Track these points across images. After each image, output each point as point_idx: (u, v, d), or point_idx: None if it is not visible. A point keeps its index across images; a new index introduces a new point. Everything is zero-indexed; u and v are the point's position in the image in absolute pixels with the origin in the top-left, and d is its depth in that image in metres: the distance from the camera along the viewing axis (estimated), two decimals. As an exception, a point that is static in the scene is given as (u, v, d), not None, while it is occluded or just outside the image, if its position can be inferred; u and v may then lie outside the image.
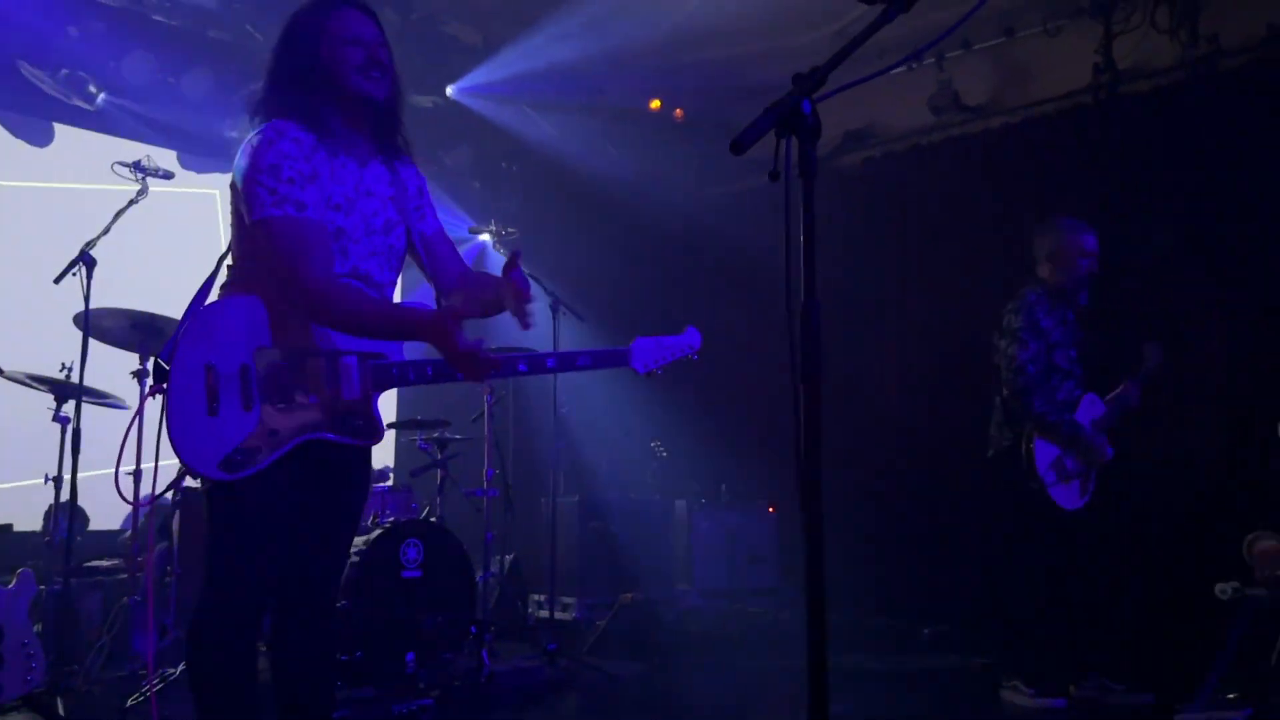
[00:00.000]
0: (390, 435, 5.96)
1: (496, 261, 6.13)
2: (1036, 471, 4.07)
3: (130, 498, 2.33)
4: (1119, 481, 4.45)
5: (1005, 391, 4.16)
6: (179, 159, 6.54)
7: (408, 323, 2.26)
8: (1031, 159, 6.29)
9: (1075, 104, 6.14)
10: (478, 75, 6.72)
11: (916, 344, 6.59)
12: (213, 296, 2.33)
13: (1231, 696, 3.53)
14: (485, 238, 5.71)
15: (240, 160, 2.25)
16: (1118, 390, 4.35)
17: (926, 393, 6.47)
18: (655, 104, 7.51)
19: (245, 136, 2.29)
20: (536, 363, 2.43)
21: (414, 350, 2.39)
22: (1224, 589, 4.88)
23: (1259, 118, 5.34)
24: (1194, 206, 5.52)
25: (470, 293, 2.45)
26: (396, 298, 2.56)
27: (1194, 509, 5.35)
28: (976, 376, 5.98)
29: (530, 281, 2.31)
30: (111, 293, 4.39)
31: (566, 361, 2.48)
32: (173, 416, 2.12)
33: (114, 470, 2.38)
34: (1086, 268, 4.25)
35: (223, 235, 6.86)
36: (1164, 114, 5.71)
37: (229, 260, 2.37)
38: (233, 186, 2.29)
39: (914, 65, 6.69)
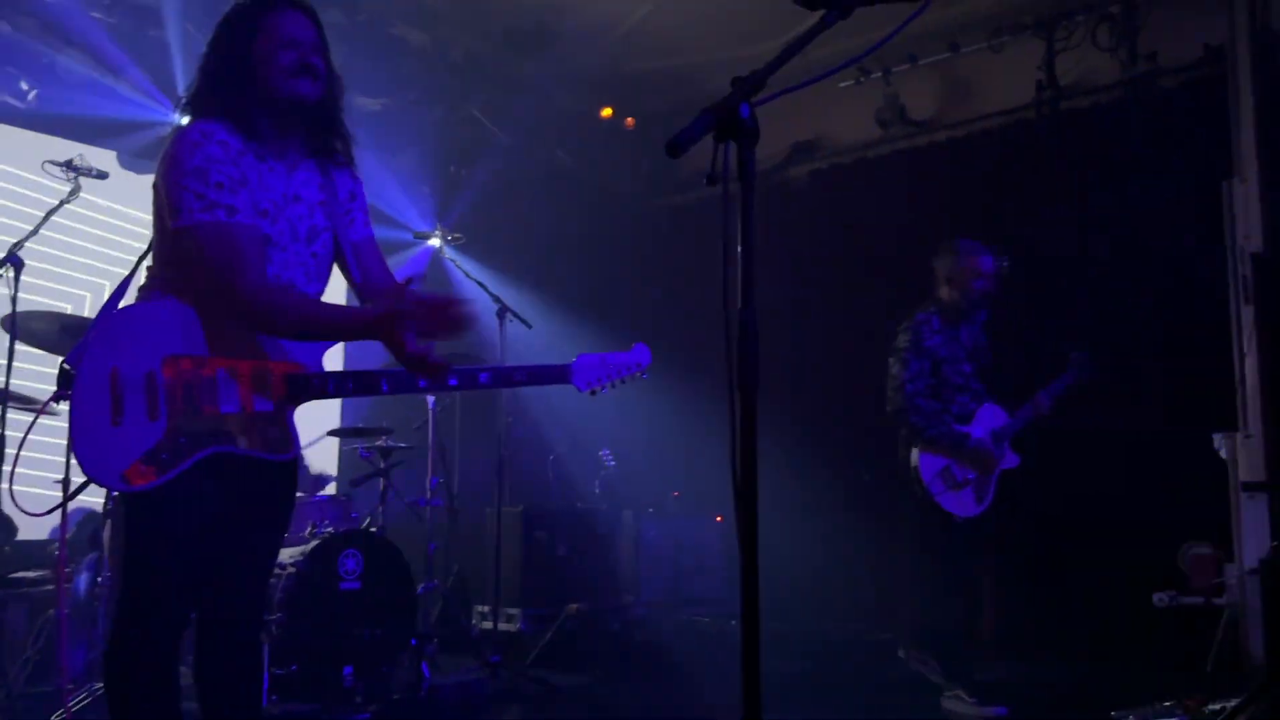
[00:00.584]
0: (332, 443, 5.86)
1: (446, 268, 6.06)
2: (923, 481, 4.22)
3: (27, 508, 2.22)
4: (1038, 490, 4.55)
5: (888, 408, 4.35)
6: (119, 159, 6.40)
7: (355, 320, 2.20)
8: (975, 172, 6.38)
9: (1018, 119, 6.24)
10: (426, 78, 6.66)
11: (861, 353, 6.61)
12: (129, 299, 2.26)
13: (1166, 704, 3.57)
14: (434, 243, 5.63)
15: (162, 163, 2.18)
16: (1030, 401, 4.43)
17: (872, 401, 6.50)
18: (607, 112, 7.50)
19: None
20: (468, 378, 2.33)
21: (335, 363, 2.32)
22: (1161, 597, 4.98)
23: (1194, 134, 5.46)
24: (1132, 219, 5.63)
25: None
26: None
27: (1132, 519, 5.44)
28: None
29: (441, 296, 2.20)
30: (42, 295, 4.26)
31: (502, 378, 2.41)
32: (75, 424, 2.04)
33: (8, 478, 2.27)
34: (982, 289, 4.39)
35: (161, 238, 6.72)
36: (1104, 130, 5.82)
37: (148, 262, 2.29)
38: (155, 188, 2.22)
39: (862, 79, 6.76)
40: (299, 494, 5.16)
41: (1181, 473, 5.28)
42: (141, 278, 2.30)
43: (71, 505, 4.33)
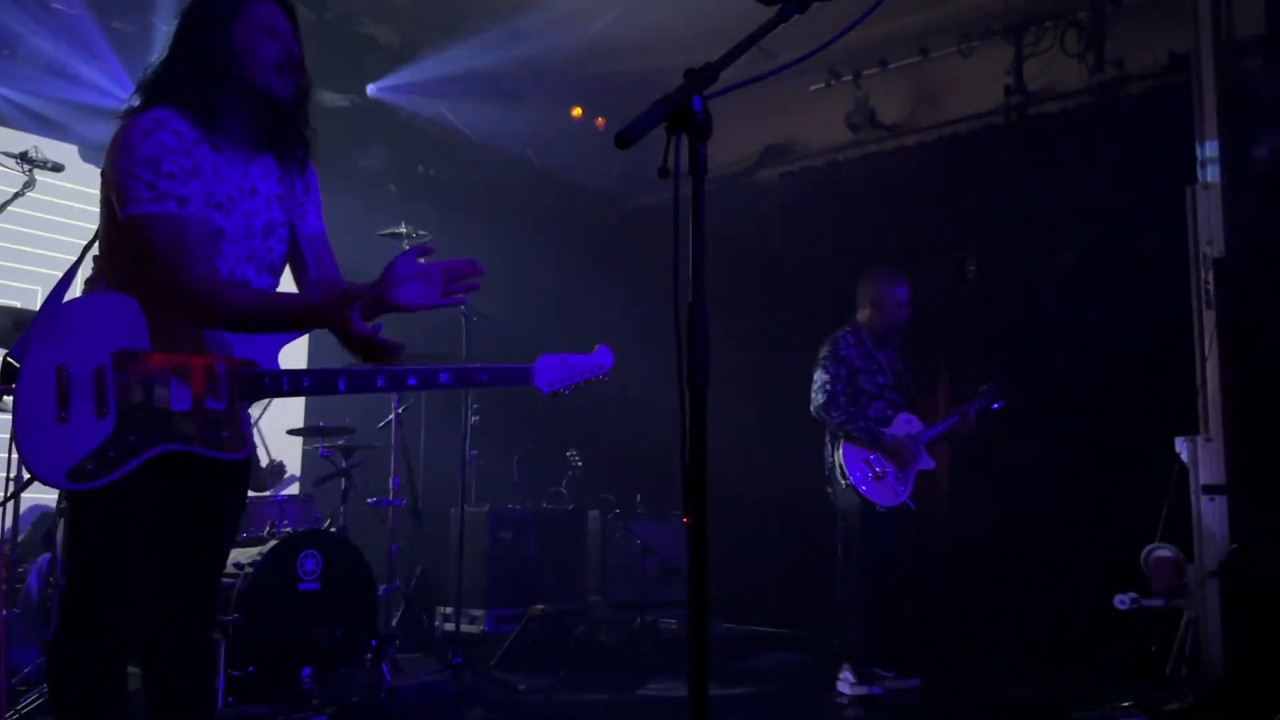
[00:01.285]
0: (294, 442, 5.78)
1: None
2: (847, 472, 4.65)
3: None
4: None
5: (812, 409, 4.78)
6: (80, 153, 6.30)
7: (297, 308, 2.16)
8: (944, 176, 6.40)
9: (987, 124, 6.27)
10: (395, 76, 6.61)
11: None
12: (75, 291, 2.20)
13: (1126, 704, 3.58)
14: (399, 241, 5.57)
15: (112, 149, 2.09)
16: (955, 410, 4.95)
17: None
18: (577, 112, 7.47)
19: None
20: (429, 378, 2.30)
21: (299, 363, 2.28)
22: (1123, 599, 5.01)
23: (1160, 140, 5.51)
24: (1098, 223, 5.67)
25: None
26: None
27: (1094, 522, 5.47)
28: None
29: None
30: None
31: (463, 378, 2.36)
32: (19, 421, 1.96)
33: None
34: (901, 317, 4.89)
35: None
36: (1071, 135, 5.86)
37: (94, 252, 2.22)
38: (103, 175, 2.15)
39: (833, 83, 6.78)
40: (264, 493, 5.13)
41: (1143, 476, 5.31)
42: (88, 270, 2.24)
43: (25, 503, 4.26)
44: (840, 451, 4.69)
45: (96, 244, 2.22)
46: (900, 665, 4.68)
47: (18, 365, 1.99)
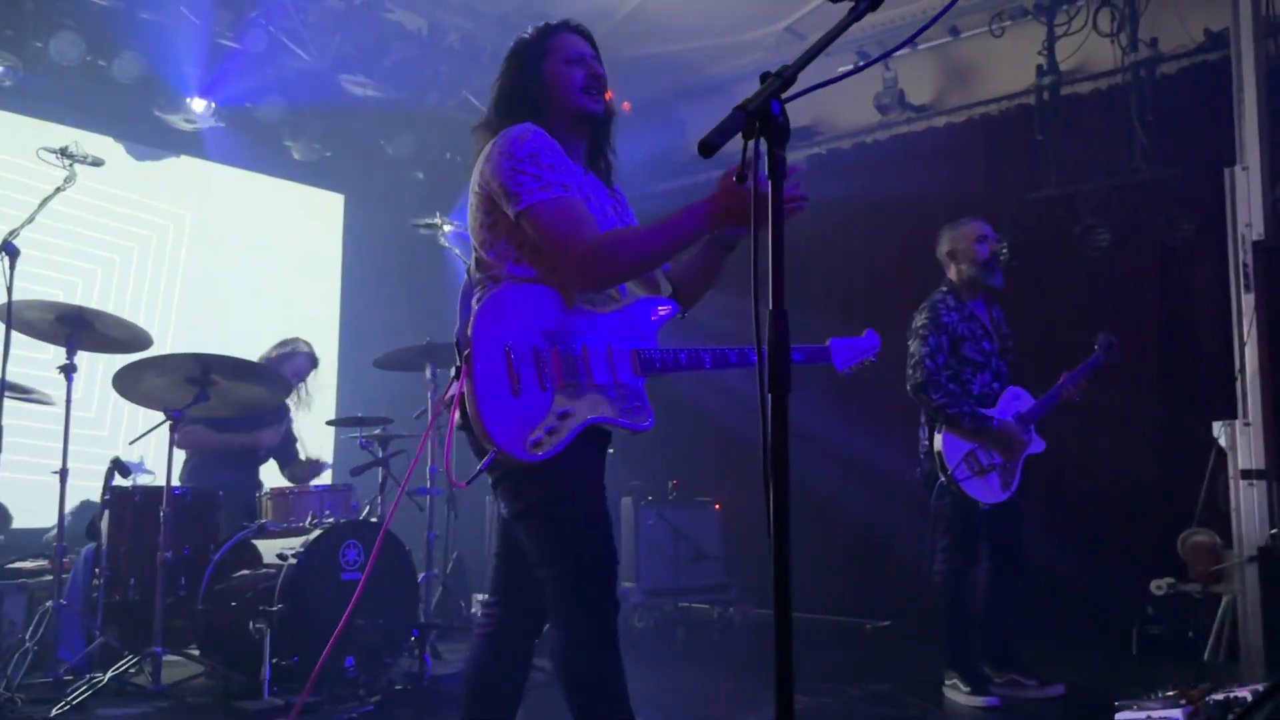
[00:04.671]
0: (330, 433, 5.82)
1: (441, 253, 6.00)
2: (947, 466, 4.10)
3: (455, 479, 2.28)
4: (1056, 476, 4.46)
5: (908, 387, 4.21)
6: (126, 148, 6.34)
7: (683, 217, 2.24)
8: (975, 157, 6.35)
9: (1018, 104, 6.21)
10: (421, 62, 6.59)
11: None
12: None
13: (1171, 693, 3.56)
14: (431, 232, 5.56)
15: (492, 161, 2.26)
16: (1056, 385, 4.34)
17: (864, 391, 6.51)
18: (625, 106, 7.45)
19: (189, 123, 2.21)
20: (744, 357, 2.41)
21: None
22: (1160, 585, 4.99)
23: (1197, 120, 5.44)
24: (1134, 205, 5.61)
25: (687, 270, 2.52)
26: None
27: (1131, 507, 5.45)
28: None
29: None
30: (37, 284, 4.21)
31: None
32: (482, 400, 2.10)
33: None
34: (987, 251, 4.29)
35: (167, 225, 6.66)
36: (1105, 115, 5.80)
37: (475, 272, 2.36)
38: (480, 193, 2.29)
39: (860, 63, 6.71)
40: (309, 484, 5.18)
41: (1181, 460, 5.29)
42: (478, 291, 2.36)
43: (68, 494, 4.30)
44: (940, 438, 4.13)
45: (474, 256, 2.37)
46: (1029, 671, 4.21)
47: (468, 349, 2.14)
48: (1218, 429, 4.98)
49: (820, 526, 6.37)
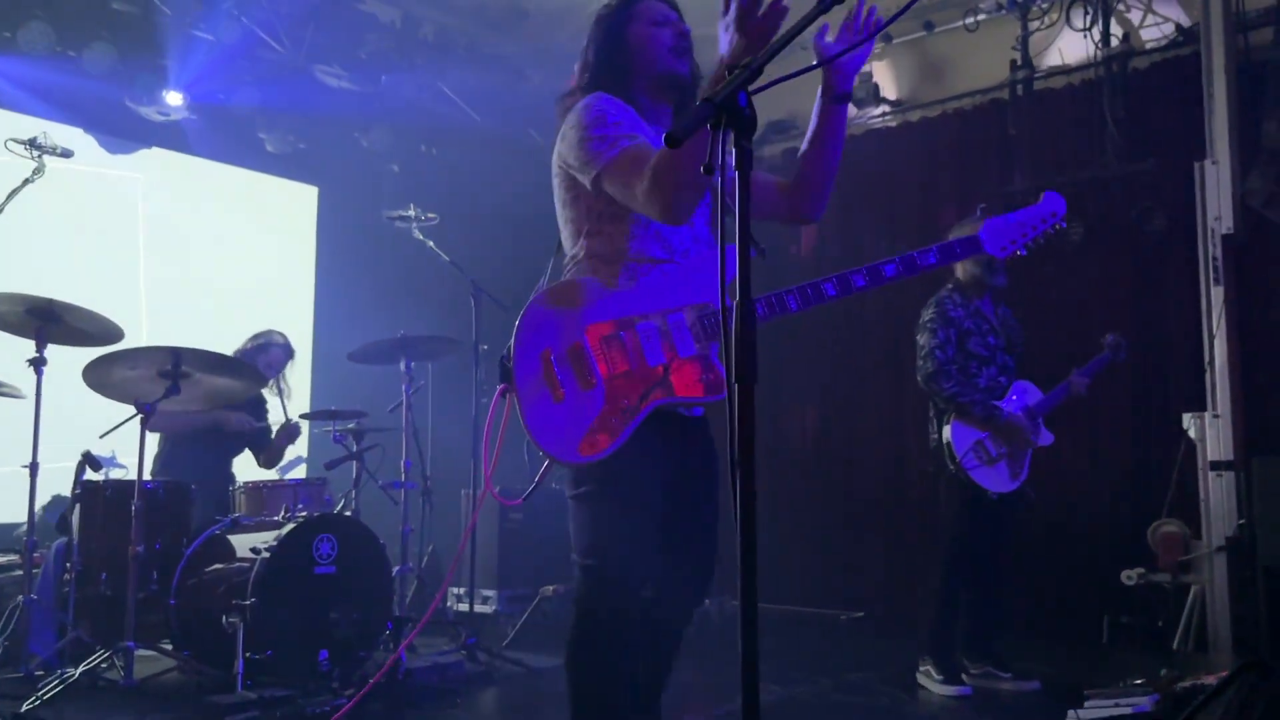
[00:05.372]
0: (305, 427, 5.79)
1: (416, 246, 5.98)
2: (955, 455, 4.17)
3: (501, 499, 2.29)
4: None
5: (919, 379, 4.28)
6: (96, 140, 6.27)
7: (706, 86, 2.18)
8: (949, 152, 6.39)
9: (992, 98, 6.25)
10: (396, 54, 6.55)
11: (830, 337, 6.65)
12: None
13: (1138, 682, 3.61)
14: (406, 224, 5.55)
15: (566, 138, 2.29)
16: (1065, 381, 4.43)
17: (839, 385, 6.55)
18: (580, 89, 7.42)
19: (161, 115, 2.20)
20: (875, 274, 2.28)
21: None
22: (1130, 575, 5.05)
23: (1168, 114, 5.49)
24: (1106, 198, 5.66)
25: (802, 168, 2.42)
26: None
27: (1102, 497, 5.51)
28: (892, 367, 6.10)
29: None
30: (7, 276, 4.17)
31: (909, 265, 2.32)
32: (526, 409, 2.12)
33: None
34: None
35: (139, 216, 6.60)
36: (1078, 109, 5.84)
37: (557, 258, 2.39)
38: (560, 172, 2.32)
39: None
40: (281, 477, 5.15)
41: (1151, 451, 5.35)
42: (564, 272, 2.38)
43: (38, 488, 4.27)
44: (949, 428, 4.20)
45: (561, 244, 2.40)
46: (1006, 665, 4.28)
47: (510, 364, 2.15)
48: (1187, 420, 5.03)
49: (793, 518, 6.41)
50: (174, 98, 6.04)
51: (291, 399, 5.38)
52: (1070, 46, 5.92)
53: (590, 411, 2.12)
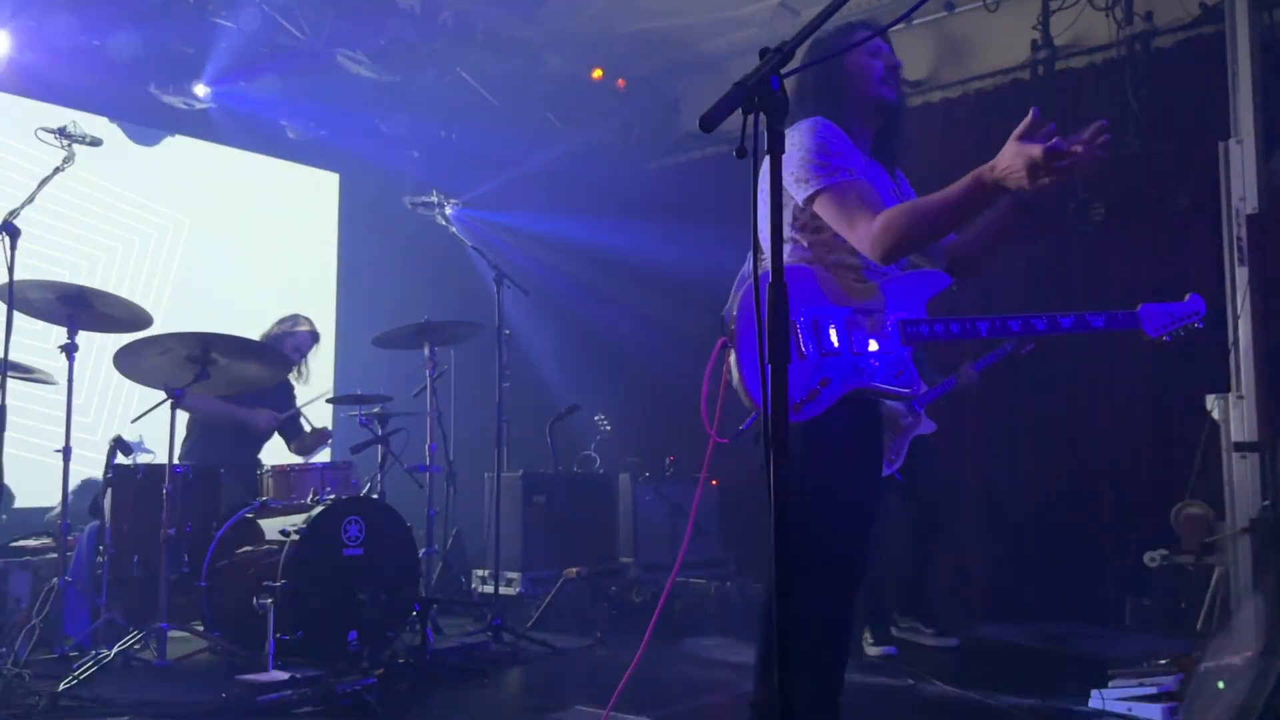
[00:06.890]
0: (329, 410, 5.85)
1: (438, 231, 6.01)
2: None
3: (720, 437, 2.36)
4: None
5: None
6: (121, 128, 6.33)
7: (968, 185, 2.33)
8: (970, 133, 6.36)
9: (1013, 79, 6.21)
10: (415, 40, 6.57)
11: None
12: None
13: (1162, 662, 3.62)
14: (429, 210, 5.59)
15: (791, 154, 2.40)
16: (955, 373, 4.72)
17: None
18: (597, 73, 7.42)
19: (186, 104, 2.24)
20: (1027, 324, 2.46)
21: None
22: (1153, 557, 5.04)
23: (1192, 93, 5.45)
24: (1129, 178, 5.63)
25: (973, 237, 2.63)
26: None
27: (1125, 479, 5.50)
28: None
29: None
30: (39, 263, 4.22)
31: (1080, 323, 2.52)
32: (746, 369, 2.28)
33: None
34: None
35: (164, 204, 6.66)
36: (1100, 89, 5.81)
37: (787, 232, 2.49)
38: (778, 177, 2.38)
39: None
40: (312, 460, 5.21)
41: (1175, 433, 5.33)
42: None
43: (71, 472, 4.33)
44: None
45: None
46: (937, 624, 4.65)
47: (733, 325, 2.31)
48: (1211, 402, 5.01)
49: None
50: (203, 90, 6.09)
51: (309, 383, 5.43)
52: (1092, 26, 5.88)
53: (800, 379, 2.27)
